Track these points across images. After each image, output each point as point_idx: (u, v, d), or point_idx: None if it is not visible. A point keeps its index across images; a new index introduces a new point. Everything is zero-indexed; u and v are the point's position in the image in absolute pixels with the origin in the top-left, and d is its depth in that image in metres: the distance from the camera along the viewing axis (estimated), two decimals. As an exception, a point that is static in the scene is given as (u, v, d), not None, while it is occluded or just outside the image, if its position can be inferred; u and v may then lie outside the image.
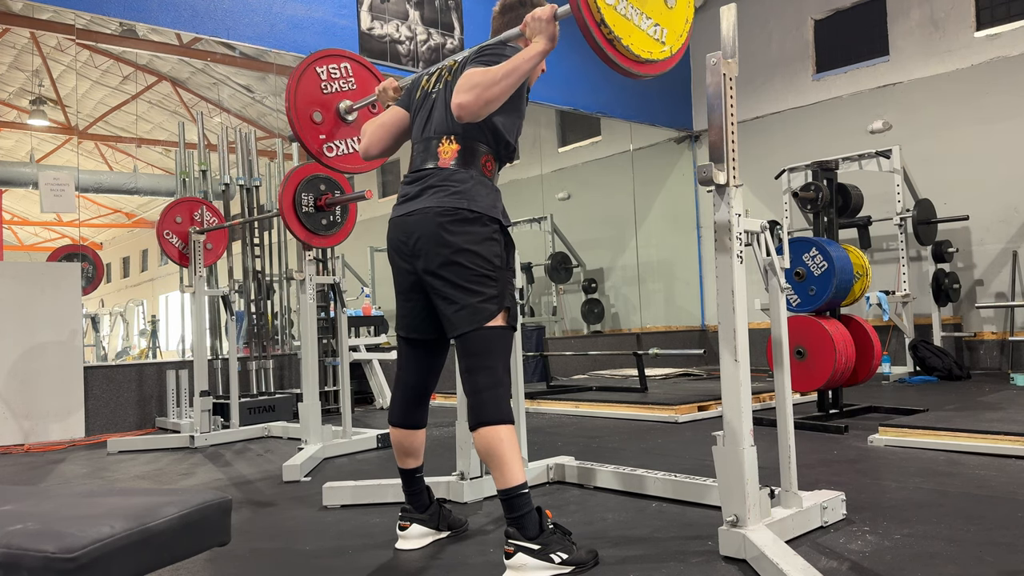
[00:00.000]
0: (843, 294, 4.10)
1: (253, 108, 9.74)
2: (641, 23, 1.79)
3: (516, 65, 1.97)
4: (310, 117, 3.11)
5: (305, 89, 3.10)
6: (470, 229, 2.08)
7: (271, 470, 3.72)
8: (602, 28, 1.71)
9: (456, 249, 2.07)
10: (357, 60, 3.27)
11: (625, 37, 1.73)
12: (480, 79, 1.96)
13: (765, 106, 8.26)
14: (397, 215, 2.22)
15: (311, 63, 3.14)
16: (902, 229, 6.57)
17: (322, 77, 3.15)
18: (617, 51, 1.74)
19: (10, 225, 11.10)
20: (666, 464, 3.24)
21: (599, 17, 1.70)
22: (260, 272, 6.50)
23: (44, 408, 5.02)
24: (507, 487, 2.00)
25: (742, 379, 2.08)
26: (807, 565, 1.83)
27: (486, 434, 2.03)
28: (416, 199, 2.17)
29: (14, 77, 9.40)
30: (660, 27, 1.84)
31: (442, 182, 2.14)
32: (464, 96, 1.96)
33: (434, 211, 2.11)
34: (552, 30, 1.97)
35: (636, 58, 1.76)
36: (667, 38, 1.86)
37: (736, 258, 2.09)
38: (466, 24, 7.00)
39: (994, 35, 6.78)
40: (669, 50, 1.86)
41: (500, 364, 2.10)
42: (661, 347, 5.68)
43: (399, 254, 2.22)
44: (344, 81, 3.21)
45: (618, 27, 1.72)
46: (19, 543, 1.08)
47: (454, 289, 2.09)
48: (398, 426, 2.37)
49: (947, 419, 3.70)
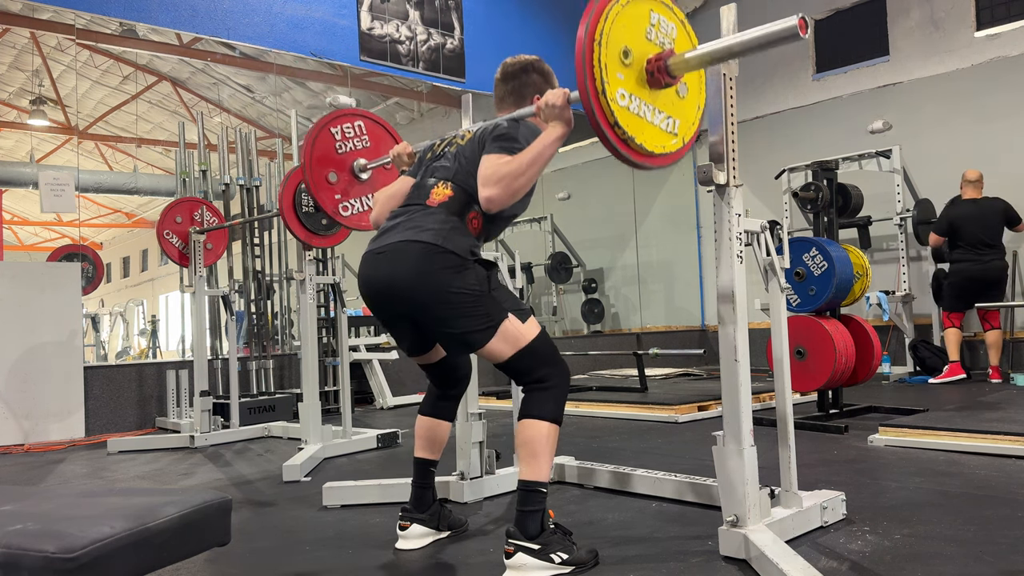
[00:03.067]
0: (843, 294, 4.10)
1: (253, 108, 9.74)
2: (654, 118, 1.79)
3: (539, 153, 1.95)
4: (325, 178, 3.14)
5: (320, 150, 3.14)
6: (440, 263, 2.02)
7: (271, 470, 3.72)
8: (616, 130, 1.71)
9: (432, 290, 2.02)
10: (370, 117, 3.31)
11: (639, 136, 1.73)
12: (507, 170, 1.94)
13: (765, 106, 8.26)
14: (369, 249, 2.17)
15: (326, 124, 3.17)
16: (902, 229, 6.58)
17: (336, 137, 3.18)
18: (631, 149, 1.74)
19: (10, 225, 11.11)
20: (666, 464, 3.24)
21: (612, 120, 1.70)
22: (260, 272, 6.50)
23: (44, 408, 5.02)
24: (529, 479, 2.01)
25: (742, 379, 2.08)
26: (807, 565, 1.83)
27: (530, 426, 2.04)
28: (389, 232, 2.13)
29: (14, 77, 9.40)
30: (672, 119, 1.84)
31: (421, 218, 2.10)
32: (492, 190, 1.94)
33: (405, 247, 2.05)
34: (568, 115, 1.95)
35: (649, 153, 1.77)
36: (679, 129, 1.86)
37: (736, 258, 2.09)
38: (466, 24, 7.00)
39: (994, 35, 6.78)
40: (681, 140, 1.86)
41: (535, 360, 2.07)
42: (661, 347, 5.68)
43: (371, 292, 2.15)
44: (358, 140, 3.24)
45: (631, 127, 1.72)
46: (19, 543, 1.08)
47: (439, 325, 2.08)
48: (427, 415, 2.41)
49: (947, 419, 3.70)
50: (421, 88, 8.15)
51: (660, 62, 1.79)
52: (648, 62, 1.80)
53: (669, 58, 1.80)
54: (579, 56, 1.70)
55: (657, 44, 1.84)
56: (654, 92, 1.81)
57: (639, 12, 1.82)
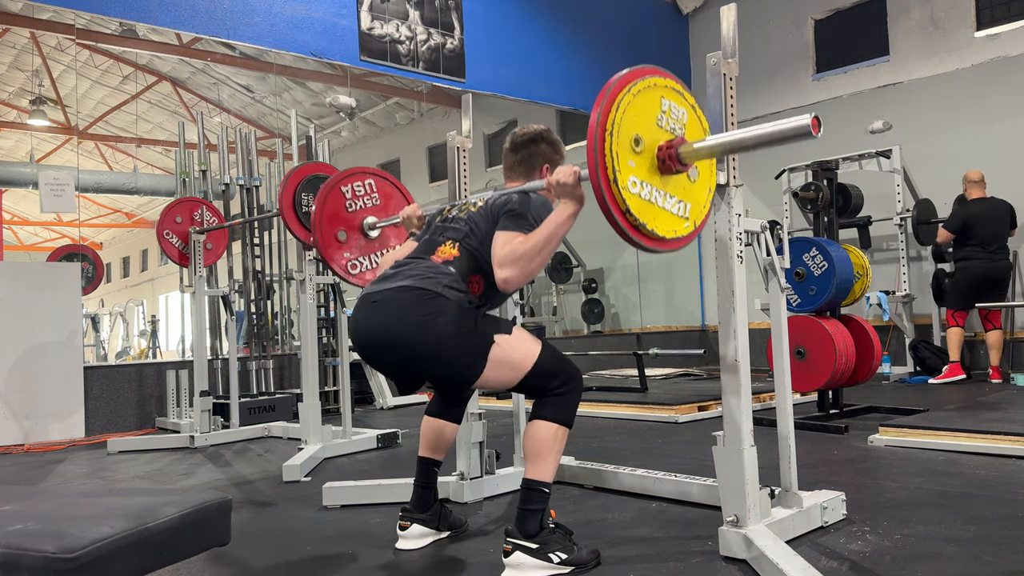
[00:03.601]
0: (843, 294, 4.10)
1: (253, 108, 9.75)
2: (665, 203, 1.80)
3: (553, 232, 1.94)
4: (335, 236, 3.16)
5: (331, 209, 3.15)
6: (433, 309, 1.99)
7: (271, 470, 3.71)
8: (628, 216, 1.72)
9: (422, 341, 1.98)
10: (381, 175, 3.32)
11: (650, 222, 1.74)
12: (523, 250, 1.94)
13: (765, 106, 8.25)
14: (364, 293, 2.14)
15: (336, 183, 3.18)
16: (902, 229, 6.57)
17: (347, 196, 3.19)
18: (643, 235, 1.75)
19: (10, 225, 11.11)
20: (666, 464, 3.24)
21: (624, 207, 1.70)
22: (260, 272, 6.50)
23: (44, 408, 5.02)
24: (534, 478, 2.02)
25: (742, 379, 2.08)
26: (807, 565, 1.83)
27: (539, 427, 2.06)
28: (387, 279, 2.11)
29: (14, 77, 9.41)
30: (684, 203, 1.85)
31: (422, 269, 2.09)
32: (509, 271, 1.94)
33: (400, 294, 2.03)
34: (579, 193, 1.94)
35: (660, 239, 1.77)
36: (690, 212, 1.86)
37: (736, 258, 2.09)
38: (466, 24, 7.00)
39: (994, 35, 6.78)
40: (692, 223, 1.86)
41: (536, 370, 2.08)
42: (661, 347, 5.68)
43: (360, 339, 2.11)
44: (368, 197, 3.25)
45: (643, 213, 1.73)
46: (19, 543, 1.08)
47: (429, 373, 2.08)
48: (434, 416, 2.42)
49: (947, 419, 3.70)
50: (421, 88, 8.16)
51: (671, 150, 1.80)
52: (659, 149, 1.81)
53: (680, 146, 1.81)
54: (591, 145, 1.70)
55: (668, 130, 1.85)
56: (665, 178, 1.82)
57: (650, 100, 1.82)
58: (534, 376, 2.08)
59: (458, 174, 2.95)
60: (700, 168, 1.92)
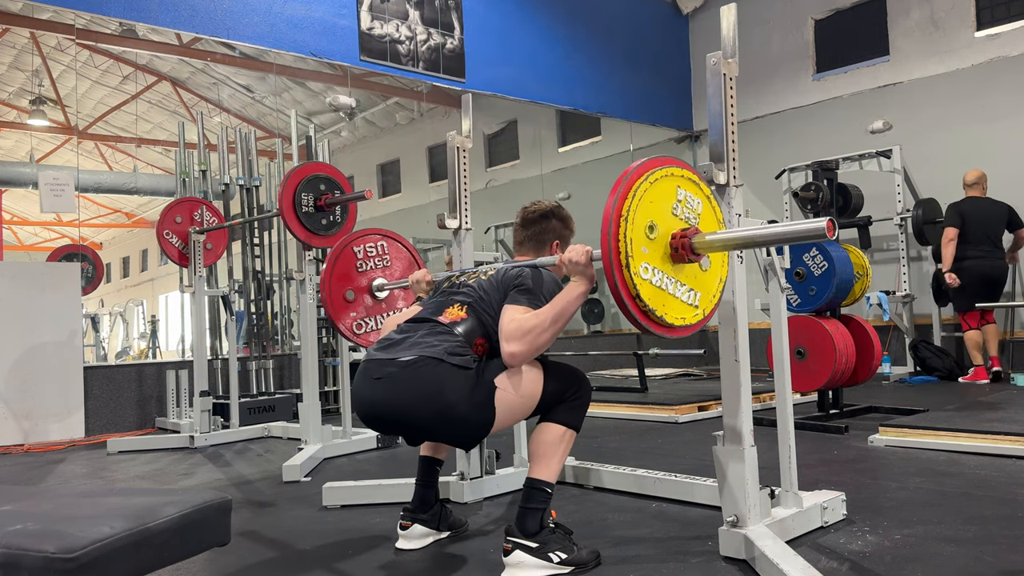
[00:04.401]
0: (843, 294, 4.10)
1: (253, 108, 9.74)
2: (675, 291, 1.80)
3: (562, 309, 1.96)
4: (343, 296, 3.16)
5: (341, 268, 3.16)
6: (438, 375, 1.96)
7: (271, 470, 3.72)
8: (638, 302, 1.72)
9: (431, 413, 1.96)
10: (393, 237, 3.34)
11: (659, 308, 1.75)
12: (531, 326, 1.96)
13: (765, 106, 8.25)
14: (367, 360, 2.10)
15: (349, 243, 3.19)
16: (902, 229, 6.57)
17: (358, 256, 3.21)
18: (651, 320, 1.75)
19: (10, 225, 11.11)
20: (666, 464, 3.24)
21: (635, 292, 1.71)
22: (260, 272, 6.50)
23: (44, 408, 5.02)
24: (537, 478, 2.03)
25: (742, 379, 2.08)
26: (807, 565, 1.83)
27: (547, 428, 2.07)
28: (391, 347, 2.07)
29: (14, 77, 9.41)
30: (694, 291, 1.85)
31: (425, 335, 2.06)
32: (516, 346, 1.96)
33: (403, 365, 1.98)
34: (591, 272, 1.96)
35: (669, 326, 1.78)
36: (700, 301, 1.87)
37: (736, 258, 2.09)
38: (466, 24, 7.00)
39: (994, 35, 6.78)
40: (702, 312, 1.87)
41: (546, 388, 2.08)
42: (661, 347, 5.68)
43: (366, 412, 2.07)
44: (379, 259, 3.26)
45: (653, 300, 1.74)
46: (19, 543, 1.08)
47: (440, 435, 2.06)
48: None
49: (947, 419, 3.71)
50: (421, 88, 8.15)
51: (685, 239, 1.81)
52: (673, 237, 1.82)
53: (694, 236, 1.82)
54: (605, 229, 1.72)
55: (683, 219, 1.85)
56: (677, 266, 1.83)
57: (667, 188, 1.84)
58: (545, 400, 2.09)
59: (458, 174, 2.95)
60: (712, 258, 1.93)
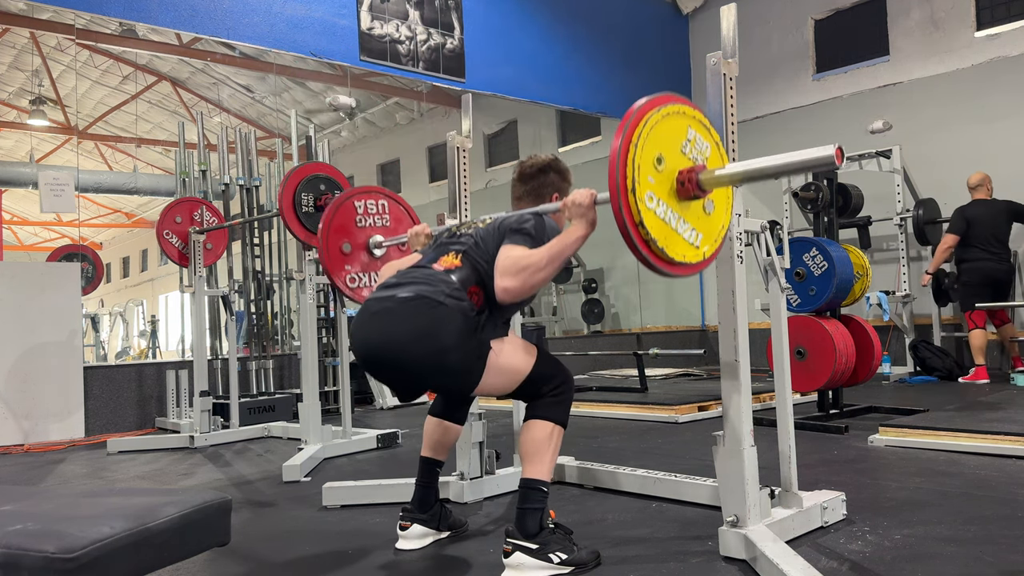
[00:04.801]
0: (843, 294, 4.10)
1: (253, 108, 9.75)
2: (679, 227, 1.80)
3: (560, 250, 1.95)
4: (339, 247, 3.15)
5: (340, 219, 3.15)
6: (434, 320, 1.97)
7: (271, 470, 3.71)
8: (640, 229, 1.72)
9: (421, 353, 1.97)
10: (395, 199, 3.32)
11: (661, 239, 1.74)
12: (527, 263, 1.95)
13: (765, 106, 8.25)
14: (366, 302, 2.12)
15: (351, 196, 3.19)
16: (902, 229, 6.57)
17: (359, 211, 3.20)
18: (652, 252, 1.75)
19: (10, 225, 11.11)
20: (666, 464, 3.24)
21: (638, 219, 1.71)
22: (260, 272, 6.50)
23: (44, 408, 5.02)
24: (532, 477, 2.03)
25: (742, 379, 2.08)
26: (807, 565, 1.83)
27: (535, 426, 2.07)
28: (388, 288, 2.09)
29: (14, 77, 9.41)
30: (697, 232, 1.85)
31: (423, 278, 2.07)
32: (510, 281, 1.95)
33: (401, 301, 2.01)
34: (592, 216, 1.95)
35: (670, 260, 1.78)
36: (702, 242, 1.87)
37: (736, 258, 2.09)
38: (466, 24, 7.00)
39: (994, 35, 6.78)
40: (702, 254, 1.87)
41: (533, 373, 2.09)
42: (661, 347, 5.68)
43: (360, 350, 2.08)
44: (379, 217, 3.26)
45: (655, 230, 1.74)
46: (19, 543, 1.08)
47: (429, 380, 2.07)
48: (437, 416, 2.41)
49: (947, 419, 3.70)
50: (421, 88, 8.16)
51: (692, 174, 1.81)
52: (680, 173, 1.82)
53: (701, 172, 1.82)
54: (614, 154, 1.71)
55: (691, 159, 1.85)
56: (682, 203, 1.82)
57: (677, 126, 1.83)
58: (530, 382, 2.10)
59: (458, 174, 2.95)
60: (716, 203, 1.93)
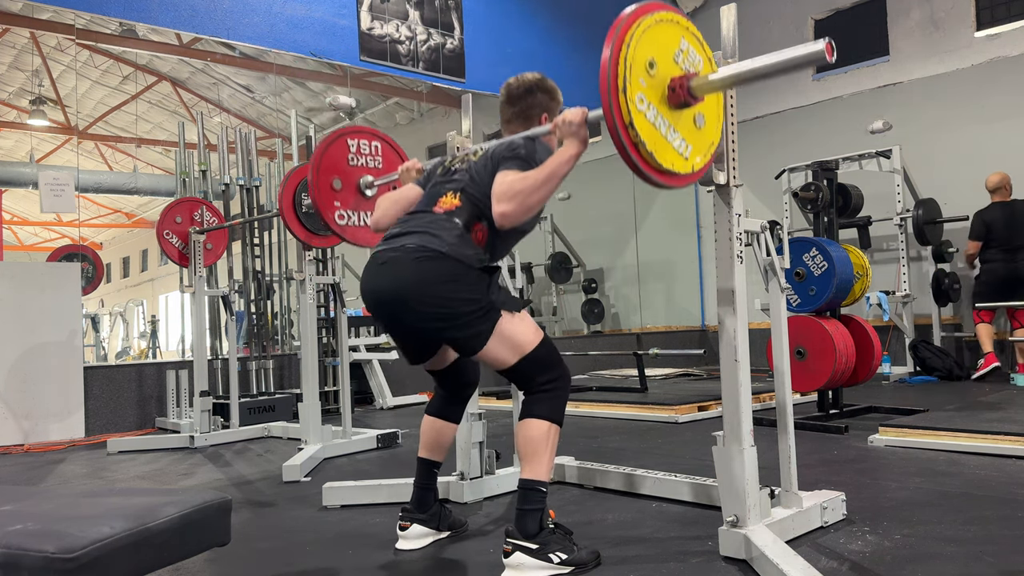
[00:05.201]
0: (843, 294, 4.10)
1: (253, 108, 9.74)
2: (668, 135, 1.80)
3: (554, 170, 1.95)
4: (330, 183, 3.14)
5: (332, 156, 3.14)
6: (443, 270, 2.01)
7: (271, 470, 3.71)
8: (630, 131, 1.72)
9: (431, 300, 2.01)
10: (389, 142, 3.31)
11: (650, 143, 1.74)
12: (522, 186, 1.95)
13: (765, 106, 8.25)
14: (373, 254, 2.17)
15: (344, 133, 3.18)
16: (902, 229, 6.57)
17: (351, 149, 3.19)
18: (640, 155, 1.74)
19: (10, 225, 11.11)
20: (666, 464, 3.24)
21: (628, 119, 1.70)
22: (260, 272, 6.50)
23: (44, 408, 5.02)
24: (530, 478, 2.02)
25: (742, 379, 2.08)
26: (807, 565, 1.83)
27: (531, 425, 2.05)
28: (393, 239, 2.12)
29: (14, 77, 9.40)
30: (687, 143, 1.85)
31: (426, 224, 2.10)
32: (507, 205, 1.95)
33: (409, 252, 2.04)
34: (584, 134, 1.95)
35: (658, 167, 1.77)
36: (692, 154, 1.86)
37: (736, 258, 2.09)
38: (466, 24, 7.00)
39: (994, 35, 6.78)
40: (691, 166, 1.87)
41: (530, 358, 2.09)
42: (661, 347, 5.68)
43: (371, 299, 2.14)
44: (372, 158, 3.25)
45: (645, 134, 1.73)
46: (19, 543, 1.08)
47: (438, 331, 2.08)
48: (434, 415, 2.41)
49: (947, 419, 3.70)
50: (421, 88, 8.16)
51: (684, 80, 1.81)
52: (672, 79, 1.81)
53: (693, 78, 1.81)
54: (606, 55, 1.70)
55: (682, 69, 1.85)
56: (673, 112, 1.82)
57: (671, 34, 1.83)
58: (530, 362, 2.09)
59: (458, 174, 2.94)
60: (708, 117, 1.92)
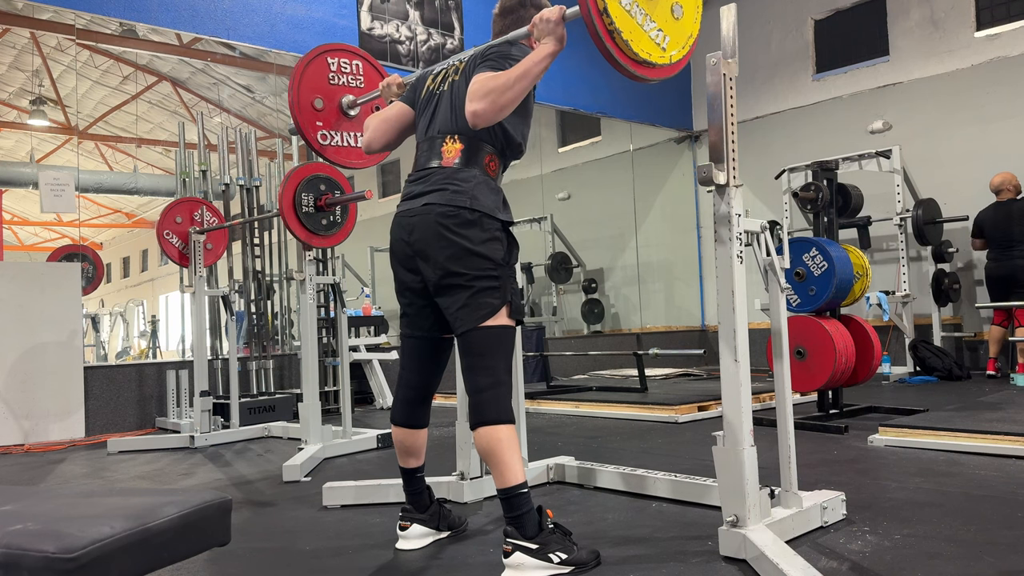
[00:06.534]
0: (843, 294, 4.10)
1: (253, 108, 9.74)
2: (645, 24, 1.79)
3: (527, 68, 1.96)
4: (311, 103, 3.09)
5: (312, 74, 3.08)
6: (471, 230, 2.08)
7: (271, 470, 3.71)
8: (604, 18, 1.70)
9: (458, 249, 2.07)
10: (369, 61, 3.26)
11: (626, 32, 1.72)
12: (493, 85, 1.95)
13: (765, 106, 8.25)
14: (399, 212, 2.23)
15: (323, 52, 3.12)
16: (902, 229, 6.57)
17: (332, 68, 3.14)
18: (616, 44, 1.73)
19: (10, 225, 11.10)
20: (666, 464, 3.24)
21: (602, 6, 1.69)
22: (260, 272, 6.50)
23: (44, 408, 5.02)
24: (506, 486, 2.00)
25: (742, 379, 2.08)
26: (807, 565, 1.83)
27: (485, 434, 2.04)
28: (418, 198, 2.17)
29: (14, 77, 9.40)
30: (663, 33, 1.84)
31: (444, 181, 2.14)
32: (478, 104, 1.95)
33: (436, 211, 2.11)
34: (561, 32, 1.96)
35: (634, 56, 1.75)
36: (669, 45, 1.85)
37: (736, 258, 2.09)
38: (466, 24, 7.00)
39: (994, 35, 6.78)
40: (669, 58, 1.85)
41: (501, 364, 2.11)
42: (661, 347, 5.68)
43: (400, 252, 2.23)
44: (353, 77, 3.19)
45: (620, 20, 1.72)
46: (19, 543, 1.08)
47: (455, 288, 2.10)
48: (400, 425, 2.37)
49: (947, 419, 3.70)
50: (421, 88, 8.14)
51: None
52: None
53: None
54: None
55: None
56: (649, 1, 1.80)
57: None
58: (481, 356, 2.09)
59: (458, 174, 2.94)
60: (686, 8, 1.92)
